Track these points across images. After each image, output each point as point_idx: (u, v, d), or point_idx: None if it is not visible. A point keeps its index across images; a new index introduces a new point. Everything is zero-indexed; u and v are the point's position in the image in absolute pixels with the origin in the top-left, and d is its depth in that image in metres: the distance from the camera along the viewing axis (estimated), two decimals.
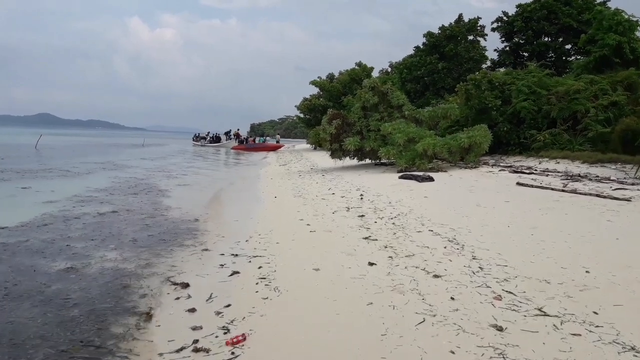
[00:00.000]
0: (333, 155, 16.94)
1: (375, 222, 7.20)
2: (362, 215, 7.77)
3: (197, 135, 55.41)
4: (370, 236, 6.25)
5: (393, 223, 7.05)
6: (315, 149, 38.91)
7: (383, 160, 17.52)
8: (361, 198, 9.64)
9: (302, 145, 53.70)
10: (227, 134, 51.34)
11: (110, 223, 7.80)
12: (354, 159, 17.55)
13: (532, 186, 9.65)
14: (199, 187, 13.32)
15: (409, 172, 13.44)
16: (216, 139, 50.79)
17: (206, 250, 6.11)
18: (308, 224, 7.31)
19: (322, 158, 24.69)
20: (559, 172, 12.58)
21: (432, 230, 6.41)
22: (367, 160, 17.86)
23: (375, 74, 38.00)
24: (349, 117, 16.51)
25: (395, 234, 6.35)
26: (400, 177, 12.21)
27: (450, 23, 28.70)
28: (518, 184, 10.03)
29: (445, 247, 5.53)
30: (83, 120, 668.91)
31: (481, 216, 7.22)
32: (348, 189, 11.38)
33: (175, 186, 13.18)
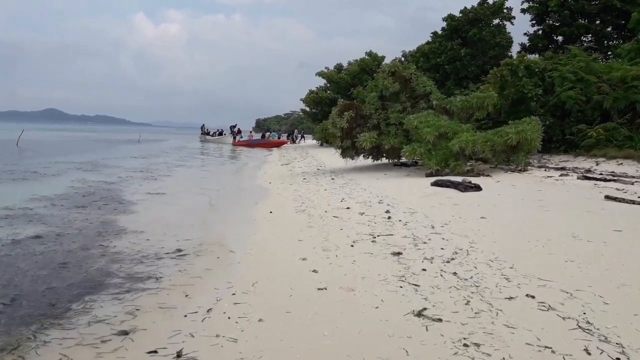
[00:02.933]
0: (344, 154, 14.18)
1: (424, 269, 4.45)
2: (399, 253, 5.02)
3: (203, 126, 53.33)
4: (425, 309, 3.51)
5: (454, 273, 4.30)
6: (321, 145, 36.12)
7: (403, 160, 14.76)
8: (389, 218, 6.88)
9: (308, 141, 50.94)
10: (232, 127, 49.36)
11: (11, 261, 5.11)
12: (368, 158, 14.79)
13: (632, 202, 6.84)
14: (176, 197, 10.61)
15: (441, 175, 10.68)
16: (219, 134, 49.17)
17: (126, 335, 3.34)
18: (314, 270, 4.58)
19: (330, 156, 21.94)
20: (634, 177, 9.78)
21: (532, 296, 3.65)
22: (384, 160, 15.11)
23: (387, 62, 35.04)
24: (363, 108, 13.72)
25: (468, 302, 3.60)
26: (434, 185, 9.44)
27: (473, 5, 25.74)
28: (608, 197, 7.22)
29: (587, 351, 2.78)
30: (89, 115, 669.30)
31: (597, 261, 4.44)
32: (367, 200, 8.63)
33: (146, 195, 10.49)
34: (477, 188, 8.59)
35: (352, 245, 5.45)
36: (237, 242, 5.99)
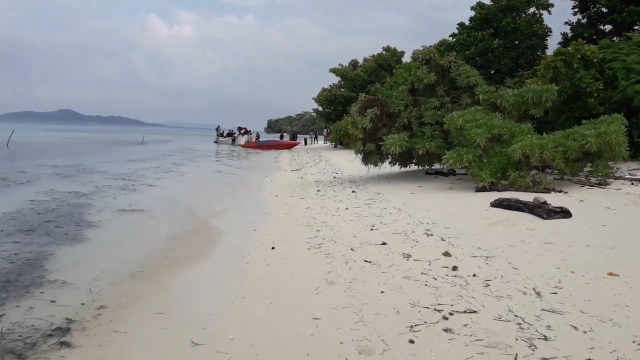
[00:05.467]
0: (366, 161, 11.72)
1: None
2: None
3: (218, 127, 51.18)
4: None
5: None
6: (335, 147, 33.72)
7: (436, 167, 12.29)
8: (454, 268, 4.41)
9: (320, 142, 48.53)
10: (239, 129, 47.71)
11: None
12: (395, 164, 12.32)
13: None
14: (149, 218, 8.23)
15: (498, 190, 8.19)
16: (229, 135, 47.17)
17: None
18: None
19: (346, 160, 19.55)
20: None
21: None
22: (412, 166, 12.64)
23: (406, 59, 32.38)
24: (390, 105, 11.25)
25: None
26: (496, 205, 6.95)
27: None
28: None
29: None
30: (104, 116, 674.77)
31: None
32: (407, 228, 6.17)
33: (115, 214, 8.20)
34: (565, 213, 6.07)
35: (411, 341, 3.00)
36: (205, 325, 3.55)
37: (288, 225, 7.04)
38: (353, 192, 10.04)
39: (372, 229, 6.29)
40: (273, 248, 5.62)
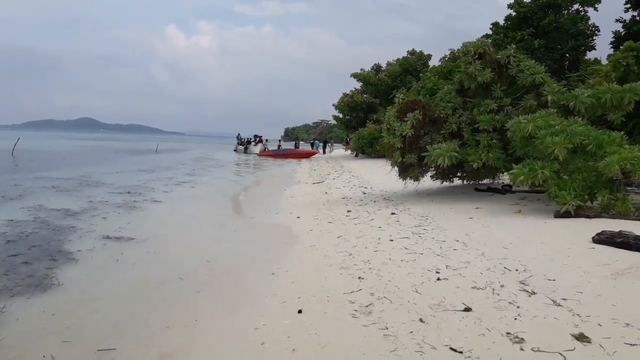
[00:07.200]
0: (405, 174, 9.90)
1: None
2: None
3: (239, 135, 49.65)
4: None
5: None
6: (356, 156, 31.92)
7: (484, 181, 10.44)
8: None
9: (339, 150, 46.80)
10: (255, 137, 46.65)
11: None
12: (437, 178, 10.51)
13: None
14: (139, 249, 6.55)
15: (587, 216, 6.31)
16: (248, 143, 45.95)
17: None
18: None
19: (373, 172, 17.78)
20: None
21: None
22: (457, 180, 10.84)
23: (433, 62, 30.49)
24: (435, 108, 9.43)
25: None
26: (603, 242, 5.08)
27: None
28: None
29: None
30: (123, 124, 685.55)
31: None
32: (491, 278, 4.34)
33: (101, 242, 6.57)
34: None
35: None
36: None
37: (318, 265, 5.27)
38: (392, 214, 8.23)
39: (438, 278, 4.47)
40: (300, 312, 3.85)
